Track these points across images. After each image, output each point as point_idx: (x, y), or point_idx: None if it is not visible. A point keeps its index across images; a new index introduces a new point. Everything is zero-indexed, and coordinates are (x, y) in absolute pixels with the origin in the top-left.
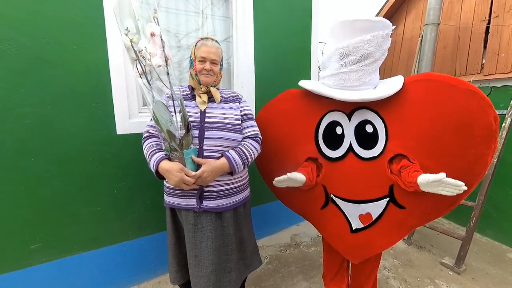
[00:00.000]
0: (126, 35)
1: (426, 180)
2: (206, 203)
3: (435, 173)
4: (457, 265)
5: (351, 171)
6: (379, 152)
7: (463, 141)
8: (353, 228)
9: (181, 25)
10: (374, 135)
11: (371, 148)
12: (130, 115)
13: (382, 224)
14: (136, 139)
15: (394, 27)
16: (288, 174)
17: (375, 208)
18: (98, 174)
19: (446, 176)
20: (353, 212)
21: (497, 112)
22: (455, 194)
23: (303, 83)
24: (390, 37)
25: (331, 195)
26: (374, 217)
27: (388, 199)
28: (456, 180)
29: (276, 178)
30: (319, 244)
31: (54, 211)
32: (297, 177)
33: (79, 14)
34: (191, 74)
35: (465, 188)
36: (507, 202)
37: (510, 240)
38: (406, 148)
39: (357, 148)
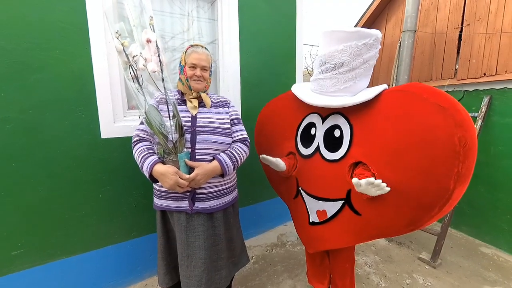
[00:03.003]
0: (117, 38)
1: (355, 184)
2: (198, 205)
3: (391, 187)
4: (433, 259)
5: (315, 169)
6: (340, 156)
7: (425, 158)
8: (310, 220)
9: (167, 27)
10: (340, 139)
11: (335, 151)
12: (115, 119)
13: (336, 224)
14: (121, 143)
15: (377, 36)
16: (276, 158)
17: (331, 207)
18: (83, 179)
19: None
20: (313, 206)
21: (469, 114)
22: (385, 193)
23: (293, 86)
24: (380, 44)
25: (300, 188)
26: (328, 215)
27: (343, 202)
28: (366, 179)
29: (265, 156)
30: None
31: (37, 216)
32: (279, 164)
33: (62, 19)
34: (181, 79)
35: (385, 186)
36: (479, 199)
37: (482, 234)
38: (367, 157)
39: (322, 149)
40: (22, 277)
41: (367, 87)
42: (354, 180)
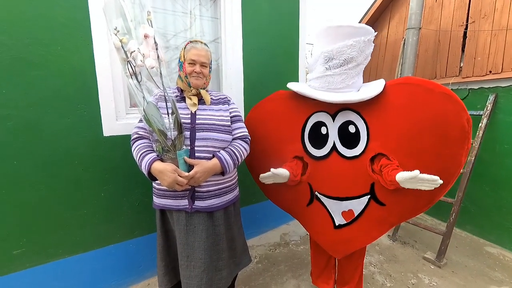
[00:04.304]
0: (116, 35)
1: (403, 178)
2: (198, 203)
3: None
4: (438, 259)
5: (334, 169)
6: (360, 151)
7: (439, 141)
8: (336, 224)
9: (169, 26)
10: (356, 135)
11: (353, 148)
12: (117, 116)
13: (364, 220)
14: (123, 141)
15: (376, 33)
16: (272, 170)
17: (357, 205)
18: (85, 177)
19: (421, 173)
20: (336, 209)
21: (474, 113)
22: (433, 188)
23: (290, 85)
24: (373, 42)
25: (316, 192)
26: (356, 214)
27: (369, 196)
28: (431, 175)
29: (262, 175)
30: (308, 242)
31: (39, 215)
32: (280, 172)
33: (64, 15)
34: (180, 76)
35: (441, 181)
36: (484, 198)
37: (487, 234)
38: (386, 148)
39: (340, 147)
40: (23, 277)
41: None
42: (415, 171)
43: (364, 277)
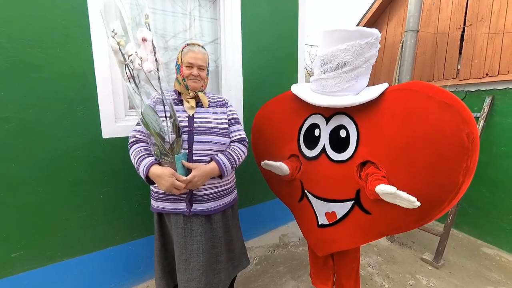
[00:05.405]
0: (113, 37)
1: (381, 191)
2: (196, 207)
3: (401, 184)
4: (436, 260)
5: (322, 171)
6: (348, 156)
7: (433, 154)
8: (319, 223)
9: (168, 26)
10: (346, 139)
11: (342, 152)
12: (116, 118)
13: (346, 225)
14: (122, 143)
15: (377, 35)
16: (279, 163)
17: (340, 208)
18: (84, 179)
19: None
20: (321, 209)
21: None
22: (411, 208)
23: (293, 87)
24: (379, 43)
25: (306, 190)
26: (338, 216)
27: (353, 202)
28: (407, 195)
29: (267, 162)
30: (306, 244)
31: (37, 217)
32: (283, 168)
33: (63, 17)
34: (177, 79)
35: (418, 204)
36: (481, 199)
37: (484, 235)
38: (375, 156)
39: (329, 150)
40: (21, 280)
41: (367, 86)
42: (392, 188)
43: (363, 278)
